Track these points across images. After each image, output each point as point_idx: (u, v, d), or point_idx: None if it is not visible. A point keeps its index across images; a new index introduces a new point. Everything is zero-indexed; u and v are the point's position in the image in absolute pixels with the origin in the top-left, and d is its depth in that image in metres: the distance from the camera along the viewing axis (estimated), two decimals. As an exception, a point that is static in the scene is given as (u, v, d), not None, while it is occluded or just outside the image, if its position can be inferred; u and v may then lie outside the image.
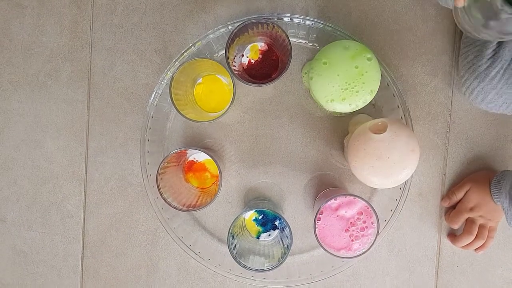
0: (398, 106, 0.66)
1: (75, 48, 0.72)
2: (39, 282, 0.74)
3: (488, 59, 0.61)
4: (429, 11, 0.68)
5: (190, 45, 0.67)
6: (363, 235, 0.61)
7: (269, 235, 0.70)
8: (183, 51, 0.67)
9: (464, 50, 0.64)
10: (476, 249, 0.69)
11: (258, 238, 0.70)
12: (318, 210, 0.61)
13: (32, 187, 0.73)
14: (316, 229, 0.61)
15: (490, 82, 0.60)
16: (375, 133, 0.58)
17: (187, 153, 0.68)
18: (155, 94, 0.68)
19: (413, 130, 0.66)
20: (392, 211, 0.67)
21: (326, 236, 0.61)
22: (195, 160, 0.70)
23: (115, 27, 0.71)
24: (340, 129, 0.69)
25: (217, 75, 0.68)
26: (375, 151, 0.58)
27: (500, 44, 0.60)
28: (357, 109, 0.62)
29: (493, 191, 0.64)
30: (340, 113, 0.68)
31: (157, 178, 0.63)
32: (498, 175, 0.64)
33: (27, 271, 0.74)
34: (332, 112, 0.68)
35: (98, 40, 0.71)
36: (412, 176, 0.63)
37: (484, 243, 0.68)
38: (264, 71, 0.67)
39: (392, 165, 0.58)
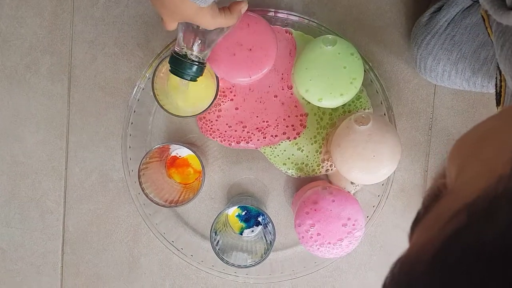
0: (381, 103, 0.66)
1: (55, 41, 0.70)
2: (17, 279, 0.73)
3: (424, 26, 0.62)
4: (413, 8, 0.69)
5: (174, 38, 0.66)
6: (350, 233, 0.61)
7: (252, 231, 0.70)
8: (166, 45, 0.67)
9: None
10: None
11: (241, 234, 0.70)
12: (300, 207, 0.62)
13: (11, 182, 0.72)
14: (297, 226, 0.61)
15: (426, 47, 0.62)
16: (359, 126, 0.58)
17: (169, 148, 0.68)
18: (137, 89, 0.67)
19: (396, 127, 0.67)
20: (375, 207, 0.68)
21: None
22: (177, 156, 0.69)
23: (97, 19, 0.70)
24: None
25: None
26: (358, 145, 0.58)
27: (436, 11, 0.62)
28: (342, 104, 0.63)
29: None
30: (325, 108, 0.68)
31: (139, 173, 0.62)
32: None
33: (5, 269, 0.73)
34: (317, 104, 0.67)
35: (79, 32, 0.70)
36: (394, 173, 0.63)
37: None
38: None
39: (374, 161, 0.59)
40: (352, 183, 0.68)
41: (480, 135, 0.27)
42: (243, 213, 0.69)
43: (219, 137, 0.69)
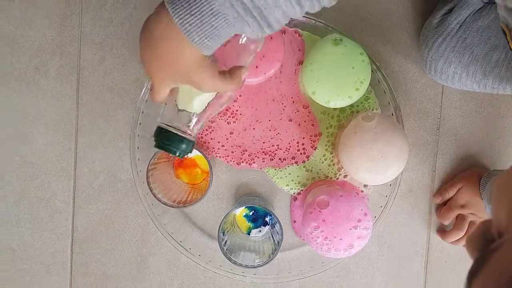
0: (389, 103, 0.66)
1: (64, 42, 0.71)
2: (27, 278, 0.74)
3: (435, 28, 0.61)
4: (420, 8, 0.68)
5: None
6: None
7: (260, 231, 0.70)
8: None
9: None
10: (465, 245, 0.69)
11: (249, 234, 0.70)
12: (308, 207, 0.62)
13: (20, 183, 0.72)
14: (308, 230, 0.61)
15: (437, 50, 0.61)
16: (365, 122, 0.59)
17: (177, 149, 0.68)
18: (145, 89, 0.67)
19: (403, 127, 0.66)
20: (382, 207, 0.68)
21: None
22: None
23: (105, 21, 0.70)
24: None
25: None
26: (365, 144, 0.58)
27: (447, 12, 0.62)
28: (350, 102, 0.63)
29: (481, 190, 0.65)
30: (334, 108, 0.68)
31: (147, 174, 0.63)
32: (486, 175, 0.65)
33: (15, 268, 0.73)
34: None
35: (88, 34, 0.71)
36: (402, 173, 0.63)
37: None
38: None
39: (382, 162, 0.59)
40: (365, 186, 0.68)
41: None
42: (251, 213, 0.70)
43: (213, 151, 0.69)
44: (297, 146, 0.68)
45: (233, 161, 0.69)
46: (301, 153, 0.68)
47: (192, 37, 0.41)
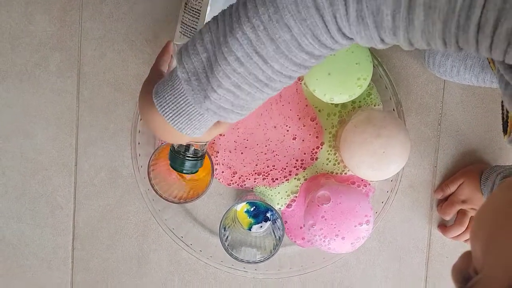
0: (390, 98, 0.66)
1: (64, 38, 0.71)
2: (28, 274, 0.74)
3: None
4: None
5: (182, 35, 0.66)
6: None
7: (261, 226, 0.70)
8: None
9: None
10: (465, 240, 0.69)
11: (250, 230, 0.70)
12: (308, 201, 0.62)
13: (21, 178, 0.72)
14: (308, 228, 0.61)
15: None
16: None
17: (178, 144, 0.68)
18: (146, 85, 0.67)
19: (405, 122, 0.66)
20: (384, 202, 0.68)
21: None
22: (186, 152, 0.69)
23: (105, 16, 0.70)
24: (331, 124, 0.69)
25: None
26: (366, 138, 0.58)
27: None
28: (351, 99, 0.62)
29: (482, 186, 0.65)
30: (336, 104, 0.68)
31: (148, 170, 0.63)
32: (487, 171, 0.65)
33: (17, 264, 0.74)
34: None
35: (88, 29, 0.70)
36: (403, 168, 0.63)
37: None
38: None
39: (384, 157, 0.59)
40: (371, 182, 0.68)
41: (497, 208, 0.26)
42: (252, 209, 0.70)
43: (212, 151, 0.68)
44: (295, 163, 0.68)
45: (223, 182, 0.69)
46: (297, 168, 0.68)
47: (181, 130, 0.45)
